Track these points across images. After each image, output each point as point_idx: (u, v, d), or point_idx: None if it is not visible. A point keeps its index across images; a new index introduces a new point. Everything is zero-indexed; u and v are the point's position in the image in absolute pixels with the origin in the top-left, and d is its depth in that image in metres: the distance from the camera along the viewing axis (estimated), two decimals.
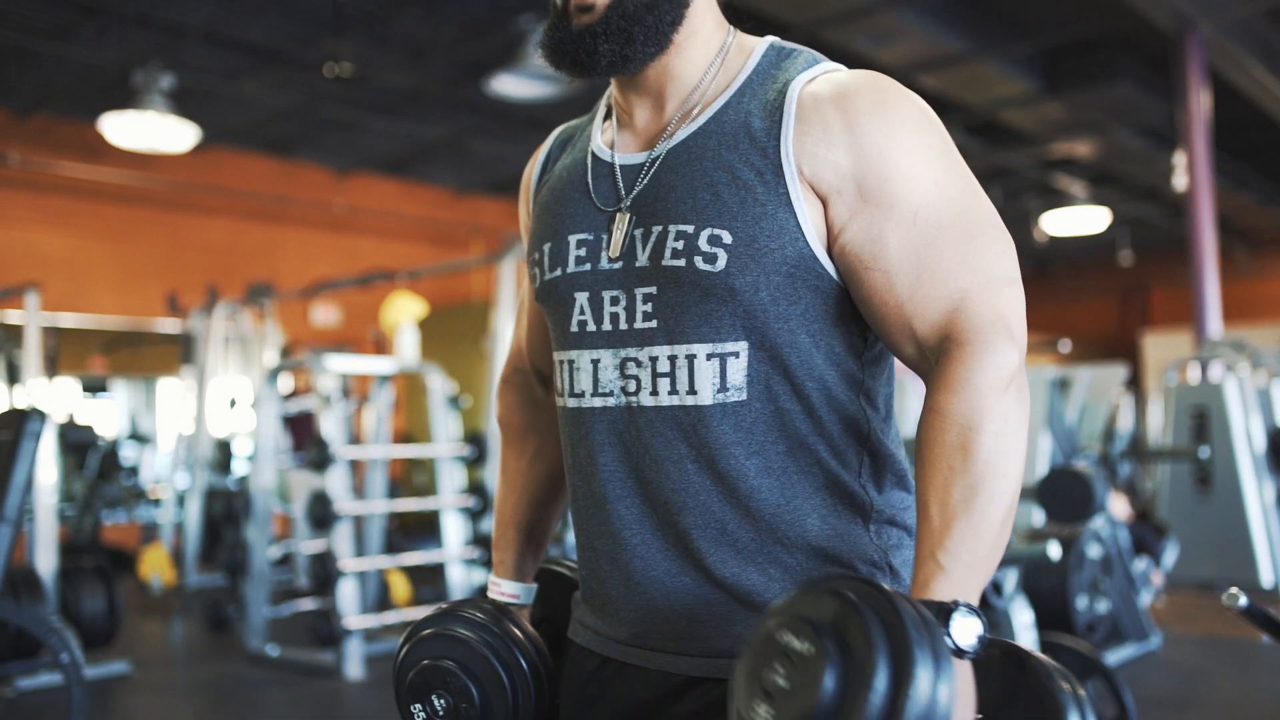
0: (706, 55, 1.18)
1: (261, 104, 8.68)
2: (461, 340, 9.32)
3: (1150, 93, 8.29)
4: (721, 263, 1.07)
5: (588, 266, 1.17)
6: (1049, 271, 15.57)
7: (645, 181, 1.15)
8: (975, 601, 0.96)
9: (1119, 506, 5.42)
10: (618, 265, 1.14)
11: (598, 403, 1.16)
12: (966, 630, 0.92)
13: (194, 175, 9.61)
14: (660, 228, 1.11)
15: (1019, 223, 11.94)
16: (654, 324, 1.12)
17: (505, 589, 1.34)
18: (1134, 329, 16.03)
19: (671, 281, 1.10)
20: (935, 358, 1.07)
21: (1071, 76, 8.16)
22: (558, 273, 1.19)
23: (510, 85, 7.33)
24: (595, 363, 1.16)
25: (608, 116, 1.27)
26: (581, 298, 1.17)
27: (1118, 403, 7.05)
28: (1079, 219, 11.99)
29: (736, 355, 1.09)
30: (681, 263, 1.09)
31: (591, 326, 1.16)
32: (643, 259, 1.12)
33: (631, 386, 1.13)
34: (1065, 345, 4.93)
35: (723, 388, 1.09)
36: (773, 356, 1.09)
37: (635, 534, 1.15)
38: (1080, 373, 6.29)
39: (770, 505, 1.10)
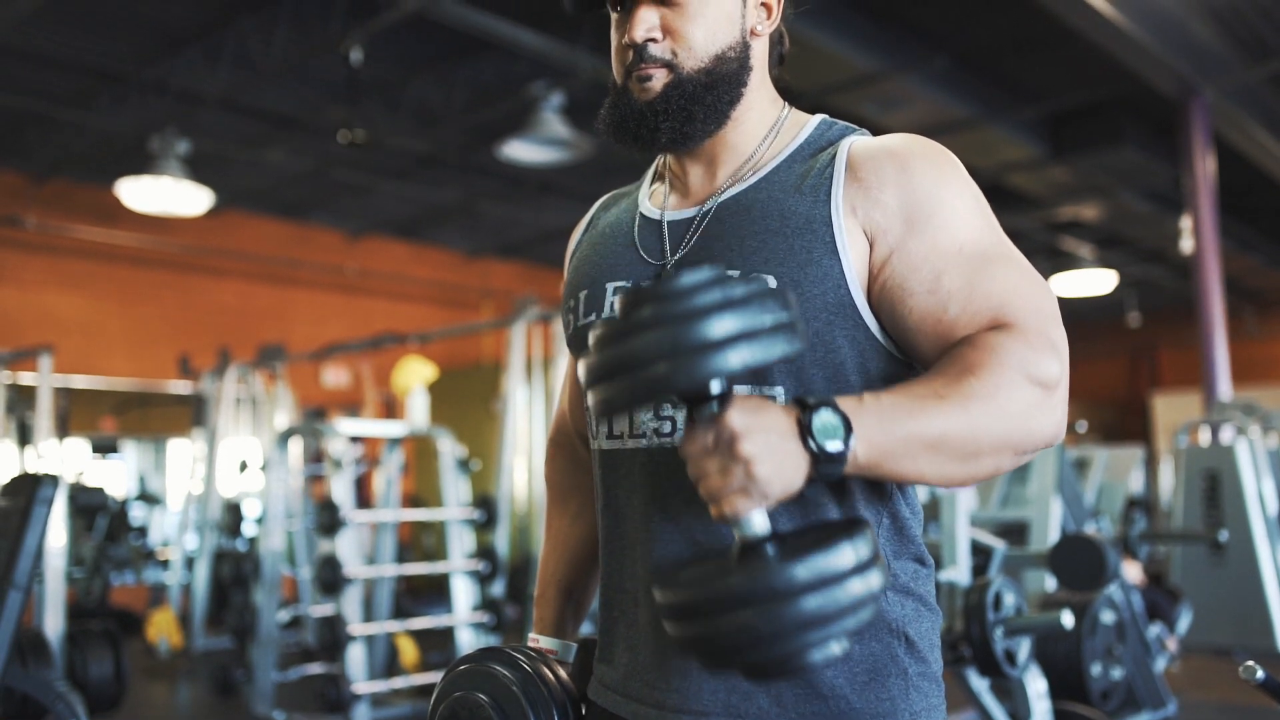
0: (761, 128, 1.22)
1: (275, 168, 8.78)
2: (471, 403, 9.34)
3: (1155, 157, 8.35)
4: None
5: None
6: None
7: (694, 237, 1.18)
8: (866, 452, 0.94)
9: (1132, 571, 5.38)
10: None
11: (633, 444, 1.17)
12: (826, 425, 0.91)
13: (207, 238, 9.71)
14: None
15: None
16: None
17: (544, 644, 1.34)
18: (1143, 389, 15.99)
19: None
20: None
21: (1077, 141, 8.23)
22: (592, 318, 1.21)
23: (521, 150, 7.41)
24: None
25: (657, 179, 1.31)
26: None
27: (1132, 488, 7.03)
28: (1087, 281, 12.04)
29: (774, 400, 1.08)
30: None
31: None
32: None
33: (666, 428, 1.14)
34: (1082, 426, 4.96)
35: None
36: None
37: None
38: (1098, 453, 6.29)
39: None
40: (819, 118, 1.24)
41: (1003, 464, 1.02)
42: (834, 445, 0.91)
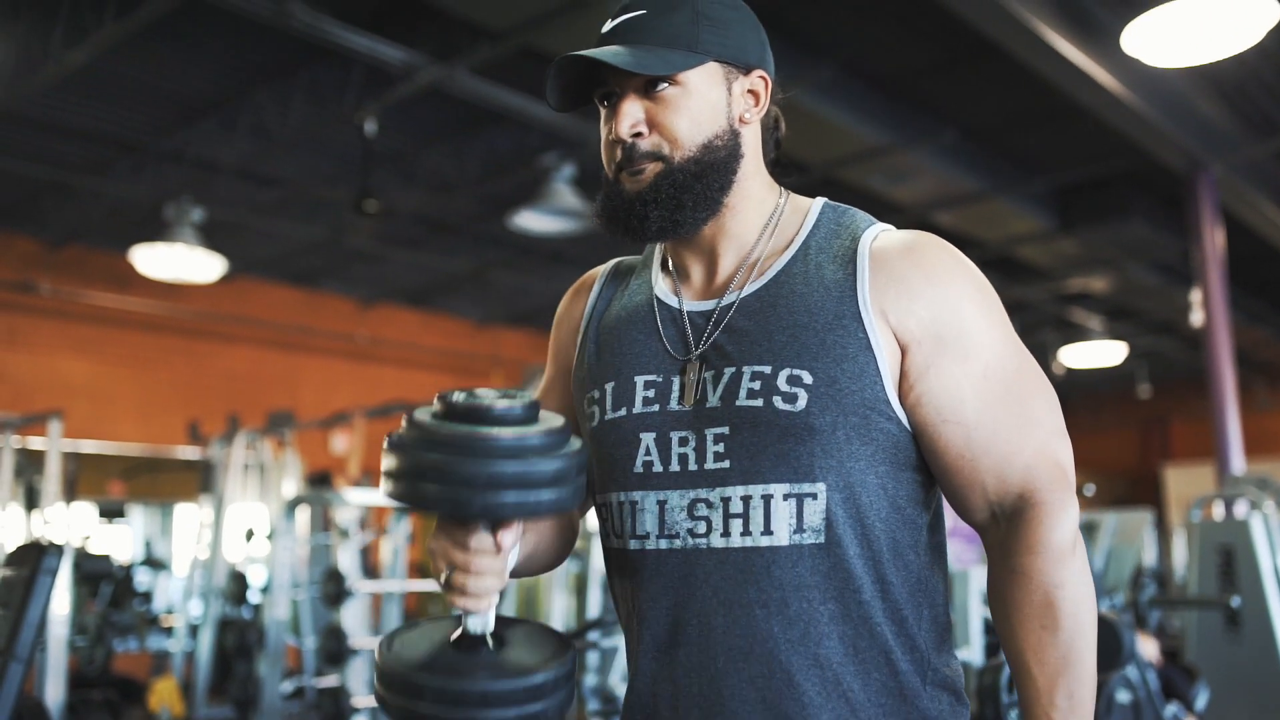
0: (760, 216, 1.22)
1: (288, 236, 8.85)
2: None
3: (1163, 230, 8.38)
4: (802, 402, 1.09)
5: (656, 408, 1.17)
6: (1068, 404, 15.21)
7: (717, 330, 1.17)
8: None
9: (1149, 649, 5.30)
10: (687, 407, 1.15)
11: (664, 545, 1.15)
12: None
13: (219, 305, 9.76)
14: (733, 369, 1.13)
15: (1036, 356, 11.82)
16: (727, 464, 1.12)
17: None
18: (1155, 461, 15.90)
19: (746, 422, 1.11)
20: (1008, 516, 1.12)
21: (1085, 214, 8.26)
22: (622, 413, 1.19)
23: (532, 220, 7.47)
24: (662, 504, 1.15)
25: (663, 267, 1.29)
26: (648, 438, 1.17)
27: (1143, 552, 6.97)
28: (1096, 352, 12.02)
29: (814, 496, 1.09)
30: (759, 403, 1.10)
31: (658, 467, 1.16)
32: (714, 400, 1.13)
33: (700, 528, 1.13)
34: (1090, 490, 4.92)
35: (799, 529, 1.09)
36: (848, 498, 1.10)
37: (700, 680, 1.12)
38: (1107, 518, 6.24)
39: (838, 656, 1.09)
40: (820, 203, 1.24)
41: None
42: None
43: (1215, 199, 7.35)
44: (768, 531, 1.10)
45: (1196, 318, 7.62)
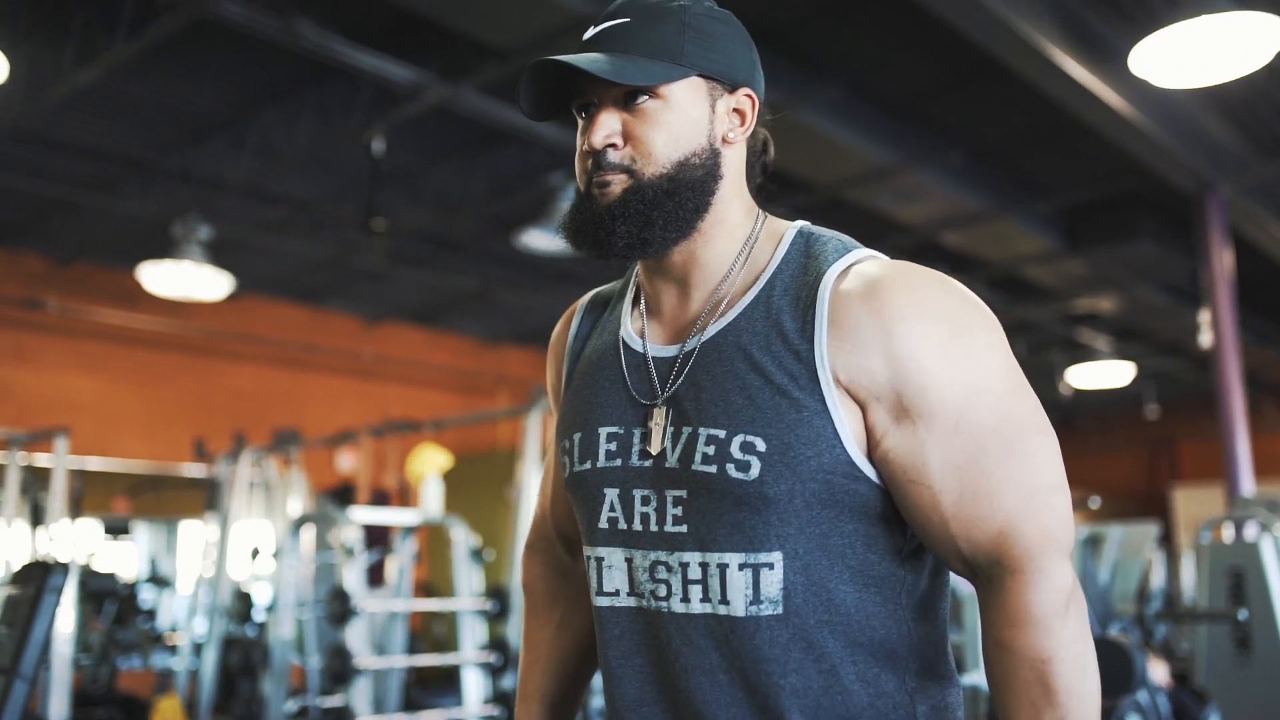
0: (734, 244, 1.16)
1: (295, 254, 8.86)
2: (486, 489, 9.28)
3: (1171, 250, 8.36)
4: (755, 471, 1.03)
5: (618, 462, 1.13)
6: (1075, 425, 15.47)
7: (679, 378, 1.12)
8: None
9: (1159, 672, 5.26)
10: (647, 464, 1.11)
11: (631, 603, 1.13)
12: None
13: (225, 323, 9.76)
14: (690, 429, 1.08)
15: (1044, 376, 11.93)
16: (684, 529, 1.08)
17: None
18: (1163, 482, 15.83)
19: (702, 487, 1.06)
20: (987, 580, 1.04)
21: (1093, 234, 8.25)
22: (587, 466, 1.16)
23: (538, 239, 7.47)
24: (629, 561, 1.12)
25: (636, 300, 1.25)
26: (611, 494, 1.13)
27: (1150, 560, 6.92)
28: (1104, 373, 11.99)
29: (771, 566, 1.04)
30: (712, 469, 1.05)
31: (623, 524, 1.13)
32: (672, 460, 1.09)
33: (662, 591, 1.09)
34: (1095, 501, 4.88)
35: (756, 600, 1.04)
36: (808, 566, 1.04)
37: None
38: (1112, 530, 6.19)
39: None
40: (795, 229, 1.17)
41: None
42: None
43: (1224, 219, 7.33)
44: (724, 601, 1.05)
45: (1205, 338, 7.59)
